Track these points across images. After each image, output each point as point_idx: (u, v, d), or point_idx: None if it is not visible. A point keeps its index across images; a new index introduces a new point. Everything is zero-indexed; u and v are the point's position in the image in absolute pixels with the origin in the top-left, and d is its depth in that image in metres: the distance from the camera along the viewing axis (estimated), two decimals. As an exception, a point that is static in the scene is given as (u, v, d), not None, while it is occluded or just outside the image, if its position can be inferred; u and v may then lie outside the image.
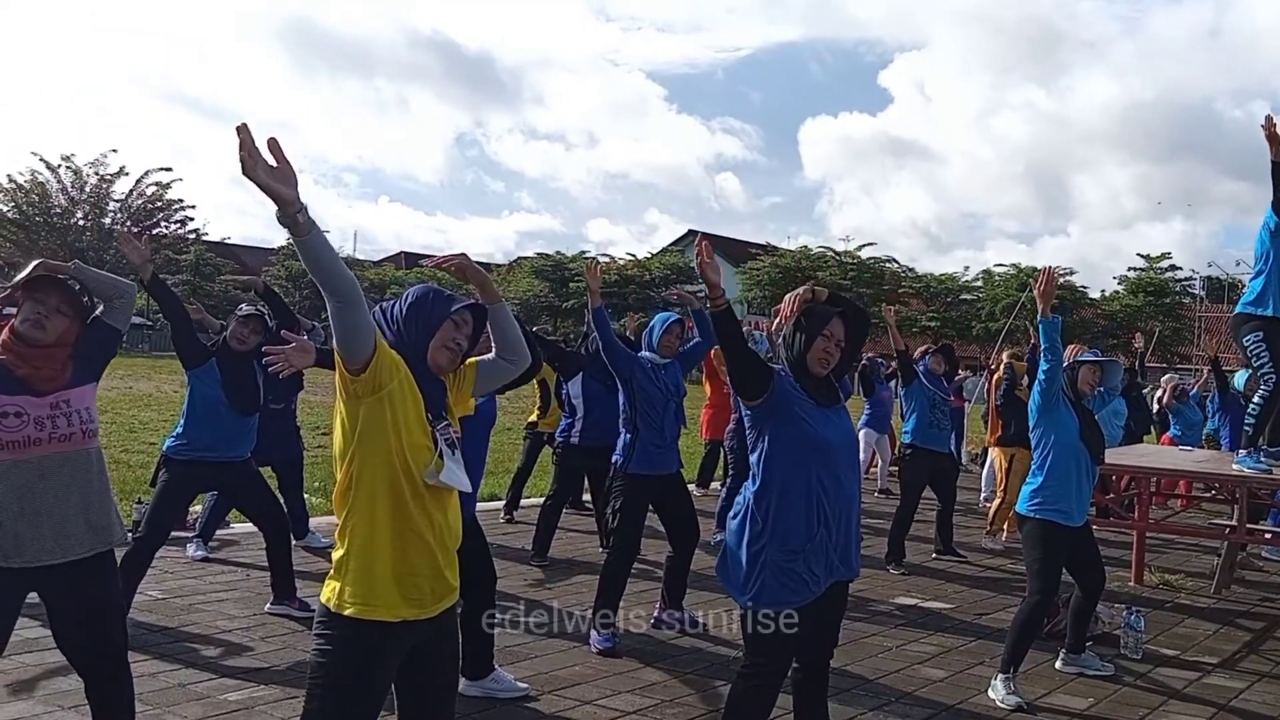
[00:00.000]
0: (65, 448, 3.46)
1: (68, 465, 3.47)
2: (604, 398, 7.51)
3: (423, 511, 2.69)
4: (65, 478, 3.46)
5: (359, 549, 2.65)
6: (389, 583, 2.64)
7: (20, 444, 3.37)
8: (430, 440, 2.70)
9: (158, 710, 4.41)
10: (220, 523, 7.72)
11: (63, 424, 3.46)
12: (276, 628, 5.71)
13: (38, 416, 3.41)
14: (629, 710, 4.69)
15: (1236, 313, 6.91)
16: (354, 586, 2.63)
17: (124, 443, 13.08)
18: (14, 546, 3.37)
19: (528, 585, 7.02)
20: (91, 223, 49.20)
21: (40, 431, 3.41)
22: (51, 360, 3.48)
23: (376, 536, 2.64)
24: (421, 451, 2.67)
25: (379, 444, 2.62)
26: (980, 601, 7.19)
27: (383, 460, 2.63)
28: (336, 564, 2.68)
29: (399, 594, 2.66)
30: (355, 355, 2.56)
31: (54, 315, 3.47)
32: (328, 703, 2.62)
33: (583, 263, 57.18)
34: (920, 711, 4.86)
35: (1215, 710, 5.06)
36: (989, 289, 49.43)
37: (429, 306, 2.83)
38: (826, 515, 3.69)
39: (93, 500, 3.54)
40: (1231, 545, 7.89)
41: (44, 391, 3.44)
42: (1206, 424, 12.53)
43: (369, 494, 2.64)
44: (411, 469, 2.65)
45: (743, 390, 3.75)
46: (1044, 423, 5.29)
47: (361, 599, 2.62)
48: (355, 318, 2.52)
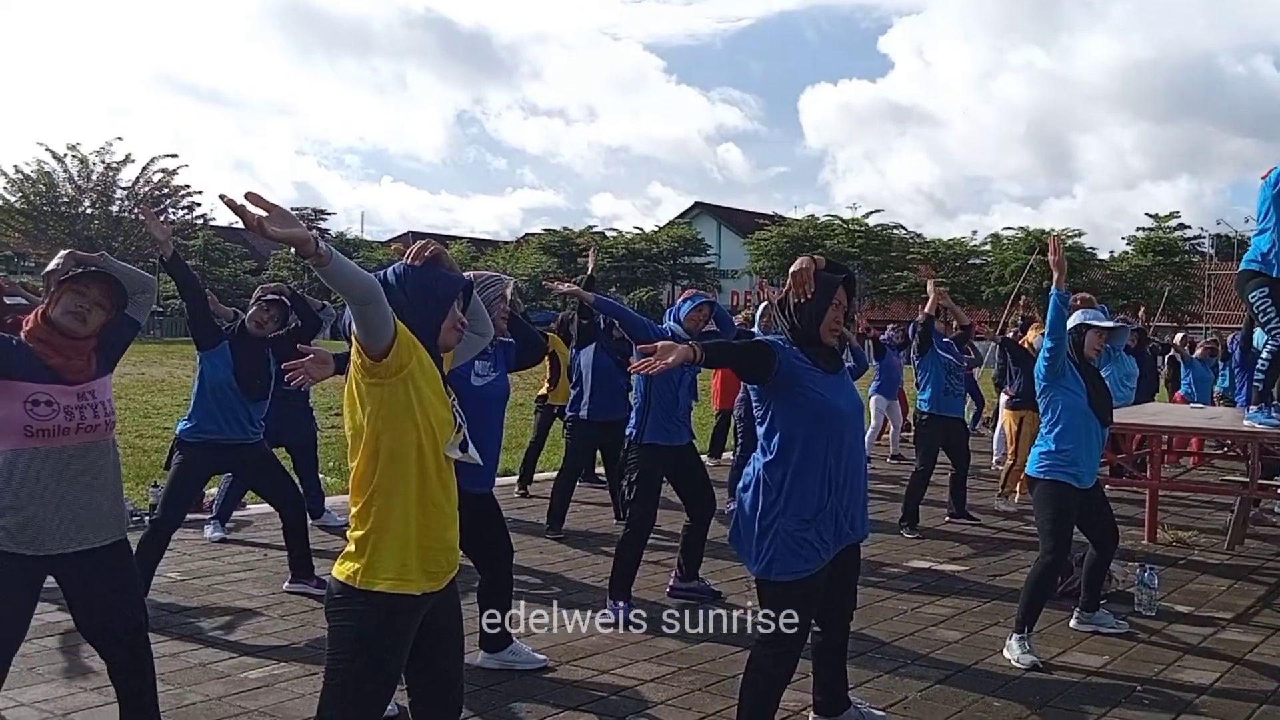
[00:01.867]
0: (90, 438, 3.50)
1: (90, 455, 3.51)
2: (613, 371, 7.53)
3: (442, 486, 2.72)
4: (87, 467, 3.49)
5: (390, 526, 2.65)
6: (416, 557, 2.67)
7: (49, 433, 3.40)
8: (451, 414, 2.72)
9: (179, 689, 4.46)
10: (237, 504, 7.77)
11: (89, 414, 3.49)
12: (295, 606, 5.75)
13: (67, 406, 3.44)
14: (646, 679, 4.72)
15: (1242, 269, 6.88)
16: (385, 562, 2.64)
17: (138, 428, 13.16)
18: (33, 535, 3.41)
19: (543, 558, 7.06)
20: (99, 211, 49.23)
21: (69, 421, 3.44)
22: (81, 351, 3.52)
23: (406, 513, 2.66)
24: (445, 426, 2.70)
25: (403, 423, 2.63)
26: (994, 563, 7.21)
27: (408, 438, 2.64)
28: (358, 542, 2.68)
29: (423, 567, 2.69)
30: (380, 344, 2.57)
31: (94, 308, 3.50)
32: (350, 677, 2.65)
33: (590, 237, 57.11)
34: (936, 673, 4.89)
35: (1230, 665, 5.08)
36: (997, 253, 49.25)
37: (439, 286, 2.82)
38: (837, 482, 3.71)
39: (110, 490, 3.59)
40: (1244, 501, 7.89)
41: (74, 382, 3.48)
42: (1218, 381, 12.51)
43: (396, 472, 2.65)
44: (436, 444, 2.67)
45: (751, 379, 3.77)
46: (1050, 390, 5.30)
47: (395, 574, 2.64)
48: (380, 311, 2.54)
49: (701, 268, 56.28)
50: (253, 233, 2.33)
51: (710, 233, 59.77)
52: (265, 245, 59.49)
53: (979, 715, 4.37)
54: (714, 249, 58.44)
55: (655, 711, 4.32)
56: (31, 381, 3.39)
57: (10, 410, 3.38)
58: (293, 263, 55.37)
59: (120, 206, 49.89)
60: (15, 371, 3.39)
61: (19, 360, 3.40)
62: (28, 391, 3.39)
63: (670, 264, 55.59)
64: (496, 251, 61.49)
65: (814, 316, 3.73)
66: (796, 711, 4.25)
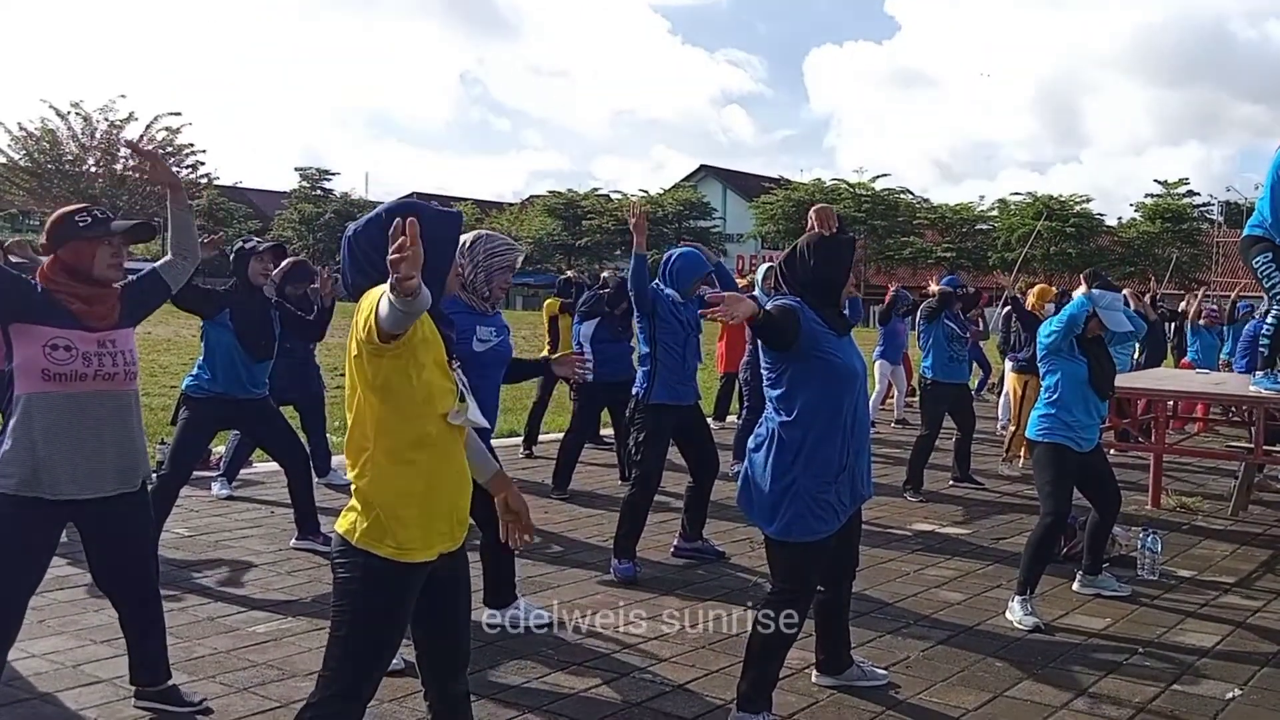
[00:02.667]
0: (108, 386, 3.52)
1: (107, 404, 3.53)
2: (610, 342, 7.56)
3: (446, 451, 2.70)
4: (103, 416, 3.52)
5: (388, 494, 2.63)
6: (420, 524, 2.65)
7: (66, 377, 3.43)
8: (452, 383, 2.71)
9: (188, 642, 4.50)
10: (244, 462, 7.81)
11: (108, 362, 3.52)
12: (301, 562, 5.79)
13: (85, 352, 3.47)
14: (650, 636, 4.76)
15: (1245, 234, 6.86)
16: (385, 528, 2.63)
17: (145, 387, 13.18)
18: (50, 479, 3.44)
19: (548, 518, 7.09)
20: (104, 169, 49.05)
21: (87, 367, 3.46)
22: (105, 299, 3.55)
23: (407, 481, 2.63)
24: (445, 395, 2.67)
25: (403, 392, 2.60)
26: (997, 526, 7.23)
27: (408, 406, 2.62)
28: (361, 501, 2.67)
29: (429, 533, 2.68)
30: (395, 331, 2.48)
31: (122, 252, 3.58)
32: (355, 631, 2.66)
33: (595, 200, 56.85)
34: (938, 633, 4.92)
35: (1232, 628, 5.10)
36: (1005, 218, 49.00)
37: (441, 226, 2.69)
38: (854, 443, 3.74)
39: (126, 441, 3.61)
40: (1248, 467, 7.89)
41: (95, 329, 3.50)
42: (1223, 348, 12.49)
43: (396, 439, 2.63)
44: (436, 412, 2.66)
45: (783, 346, 3.69)
46: (1052, 358, 5.33)
47: (395, 541, 2.62)
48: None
49: (707, 231, 56.03)
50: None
51: (716, 196, 59.47)
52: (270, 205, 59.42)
53: (980, 675, 4.40)
54: (719, 212, 58.17)
55: (659, 669, 4.36)
56: (52, 326, 3.42)
57: (30, 353, 3.41)
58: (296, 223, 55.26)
59: (124, 165, 49.70)
60: (37, 315, 3.42)
61: (41, 305, 3.43)
62: (48, 335, 3.42)
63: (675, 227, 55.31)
64: (501, 213, 61.20)
65: (833, 277, 3.76)
66: (800, 670, 4.29)
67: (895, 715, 3.98)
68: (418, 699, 3.04)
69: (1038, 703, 4.12)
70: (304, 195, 58.06)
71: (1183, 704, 4.14)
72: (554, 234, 56.06)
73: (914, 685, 4.26)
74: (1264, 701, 4.19)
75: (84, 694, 3.95)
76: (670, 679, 4.25)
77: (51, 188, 46.98)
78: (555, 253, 55.52)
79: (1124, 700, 4.16)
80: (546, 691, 4.09)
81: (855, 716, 3.95)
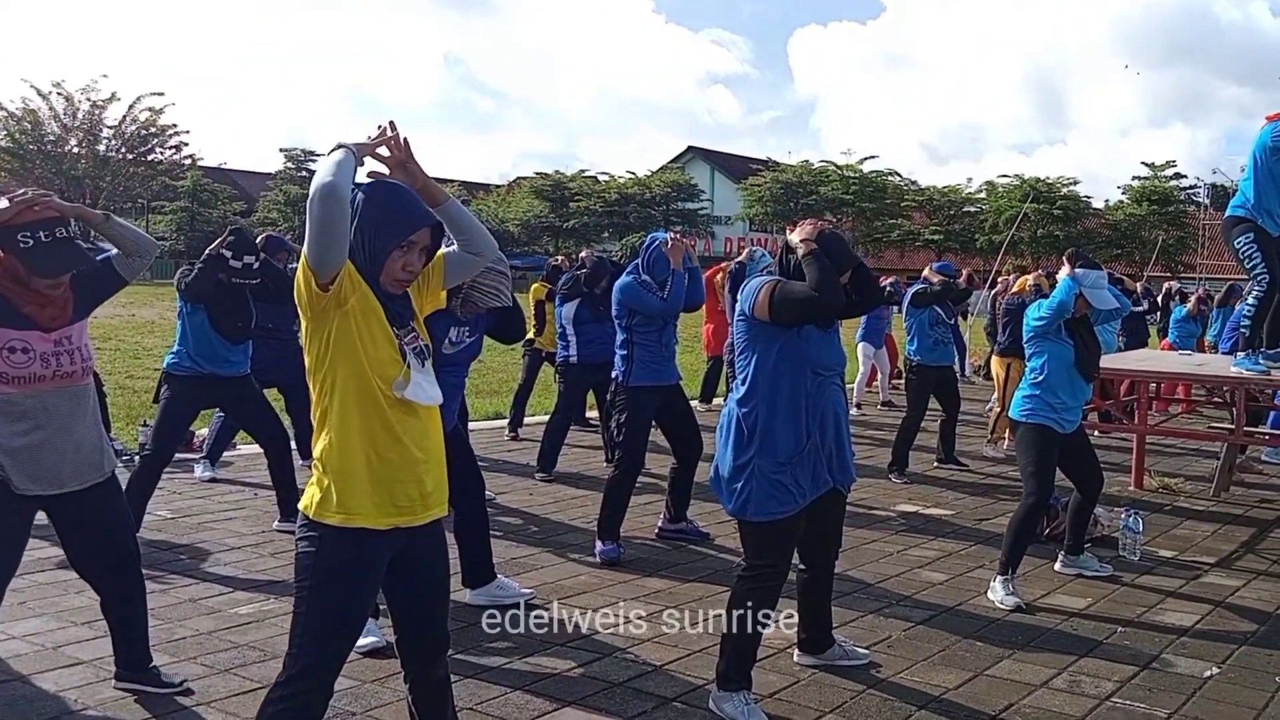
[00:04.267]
0: (67, 384, 3.48)
1: (67, 402, 3.49)
2: (592, 323, 7.54)
3: (398, 420, 2.67)
4: (65, 414, 3.48)
5: (336, 460, 2.64)
6: (368, 492, 2.63)
7: (25, 380, 3.38)
8: (398, 353, 2.67)
9: (169, 624, 4.49)
10: (227, 444, 7.78)
11: (65, 361, 3.47)
12: (284, 544, 5.77)
13: (43, 353, 3.41)
14: (633, 617, 4.76)
15: (1228, 215, 6.87)
16: (334, 496, 2.63)
17: (128, 368, 13.12)
18: (15, 477, 3.40)
19: (532, 499, 7.09)
20: (86, 150, 48.73)
21: (45, 369, 3.41)
22: (56, 299, 3.47)
23: (352, 448, 2.63)
24: (388, 365, 2.64)
25: (348, 358, 2.61)
26: (980, 508, 7.26)
27: (353, 374, 2.61)
28: (317, 473, 2.69)
29: (380, 501, 2.65)
30: (328, 265, 2.54)
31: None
32: (313, 605, 2.65)
33: (582, 182, 56.66)
34: (921, 613, 4.94)
35: (1211, 607, 5.14)
36: (992, 201, 49.07)
37: (389, 219, 2.68)
38: (815, 428, 3.74)
39: (90, 434, 3.58)
40: (1230, 448, 7.93)
41: (50, 329, 3.45)
42: (1208, 331, 12.59)
43: (342, 407, 2.63)
44: (377, 381, 2.63)
45: (789, 324, 3.71)
46: (1039, 340, 5.34)
47: (343, 509, 2.62)
48: (342, 211, 2.55)
49: (694, 213, 55.96)
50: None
51: (703, 178, 59.35)
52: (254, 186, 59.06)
53: (962, 655, 4.42)
54: (707, 194, 58.07)
55: (641, 650, 4.36)
56: (7, 328, 3.35)
57: None
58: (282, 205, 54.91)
59: (107, 145, 49.36)
60: None
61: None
62: (4, 339, 3.35)
63: (663, 209, 55.28)
64: (488, 195, 60.97)
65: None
66: (781, 649, 4.30)
67: (876, 694, 3.99)
68: (398, 680, 3.04)
69: (1018, 681, 4.14)
70: (289, 176, 57.62)
71: (1162, 682, 4.16)
72: (541, 216, 55.89)
73: (895, 664, 4.28)
74: (1241, 680, 4.22)
75: (64, 675, 3.94)
76: (652, 659, 4.26)
77: (34, 168, 46.64)
78: (543, 235, 55.39)
79: (1104, 678, 4.19)
80: (529, 672, 4.10)
81: (836, 695, 3.96)
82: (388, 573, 2.76)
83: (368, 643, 4.11)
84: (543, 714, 3.74)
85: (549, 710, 3.77)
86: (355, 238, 2.63)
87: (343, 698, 3.70)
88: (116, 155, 49.07)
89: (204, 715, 3.66)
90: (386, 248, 2.67)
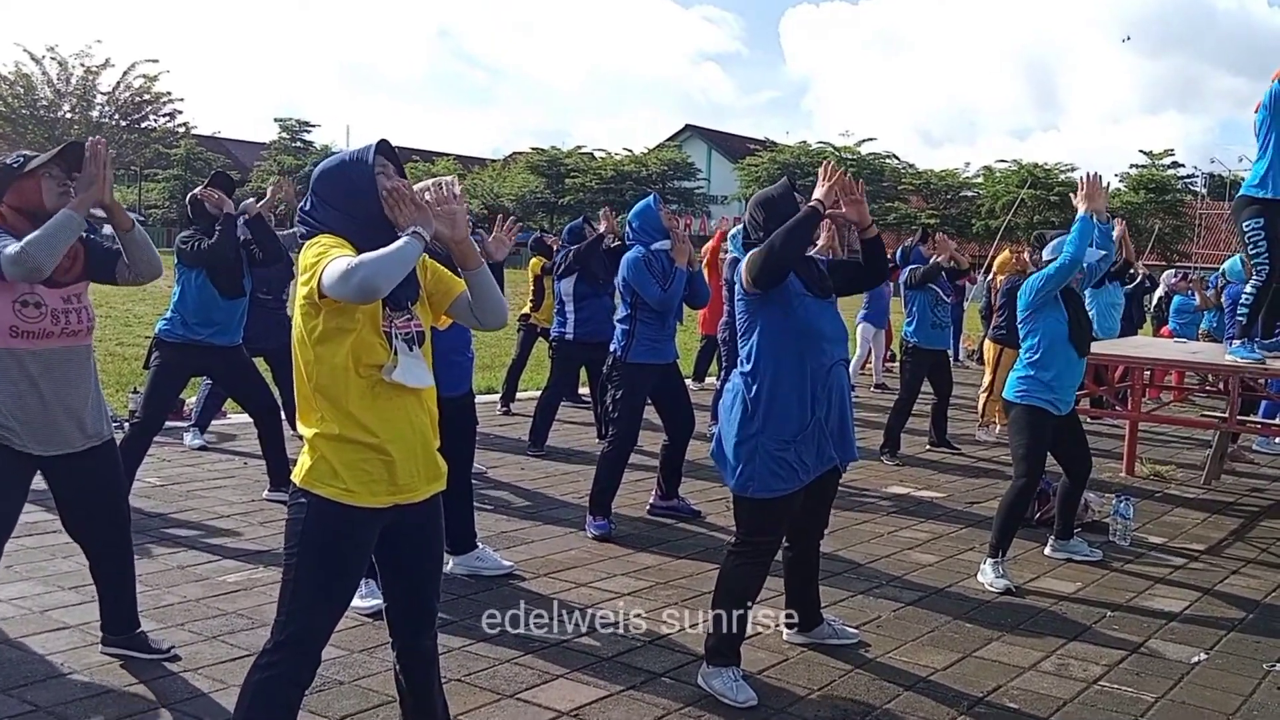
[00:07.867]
0: (72, 342, 3.47)
1: (72, 360, 3.49)
2: (592, 297, 7.50)
3: (389, 400, 2.64)
4: (68, 372, 3.48)
5: (329, 437, 2.61)
6: (359, 468, 2.61)
7: (36, 335, 3.38)
8: (384, 340, 2.63)
9: (158, 590, 4.47)
10: (216, 412, 7.75)
11: (74, 319, 3.47)
12: (274, 513, 5.75)
13: (54, 309, 3.42)
14: (623, 592, 4.76)
15: (1240, 195, 6.77)
16: (330, 469, 2.61)
17: (119, 336, 13.08)
18: (15, 437, 3.39)
19: (523, 474, 7.08)
20: (79, 115, 48.31)
21: (55, 325, 3.41)
22: (69, 250, 3.43)
23: (345, 425, 2.60)
24: (374, 349, 2.61)
25: (339, 339, 2.59)
26: (971, 490, 7.27)
27: (343, 353, 2.59)
28: (309, 443, 2.66)
29: (375, 480, 2.63)
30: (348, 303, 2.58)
31: (65, 182, 3.45)
32: (301, 572, 2.64)
33: (578, 158, 56.37)
34: (910, 594, 4.94)
35: (1200, 594, 5.15)
36: (989, 185, 48.96)
37: (354, 190, 2.67)
38: (820, 405, 3.72)
39: (89, 395, 3.57)
40: (1222, 436, 7.94)
41: (60, 283, 3.44)
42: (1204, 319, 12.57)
43: (333, 384, 2.60)
44: (365, 366, 2.61)
45: (766, 284, 3.69)
46: (1035, 316, 5.29)
47: (338, 484, 2.60)
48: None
49: (691, 192, 55.73)
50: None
51: (700, 156, 59.06)
52: (249, 156, 58.72)
53: (950, 636, 4.42)
54: (704, 173, 57.83)
55: (631, 624, 4.36)
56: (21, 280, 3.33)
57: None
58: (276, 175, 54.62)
59: (100, 112, 48.95)
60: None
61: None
62: (17, 291, 3.35)
63: (660, 187, 55.07)
64: (484, 170, 60.64)
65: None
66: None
67: (865, 673, 3.99)
68: (387, 649, 3.02)
69: (1006, 663, 4.14)
70: (284, 147, 57.25)
71: (1150, 667, 4.17)
72: (537, 191, 55.60)
73: (884, 644, 4.28)
74: (1228, 666, 4.23)
75: (51, 639, 3.92)
76: (642, 634, 4.26)
77: (26, 133, 46.24)
78: (538, 210, 55.15)
79: (1092, 662, 4.19)
80: (518, 644, 4.09)
81: (825, 674, 3.96)
82: (381, 541, 2.73)
83: (371, 605, 4.10)
84: (531, 686, 3.73)
85: (537, 683, 3.76)
86: (339, 223, 2.65)
87: (330, 666, 3.69)
88: (110, 121, 48.60)
89: (191, 681, 3.65)
90: (370, 189, 2.65)
